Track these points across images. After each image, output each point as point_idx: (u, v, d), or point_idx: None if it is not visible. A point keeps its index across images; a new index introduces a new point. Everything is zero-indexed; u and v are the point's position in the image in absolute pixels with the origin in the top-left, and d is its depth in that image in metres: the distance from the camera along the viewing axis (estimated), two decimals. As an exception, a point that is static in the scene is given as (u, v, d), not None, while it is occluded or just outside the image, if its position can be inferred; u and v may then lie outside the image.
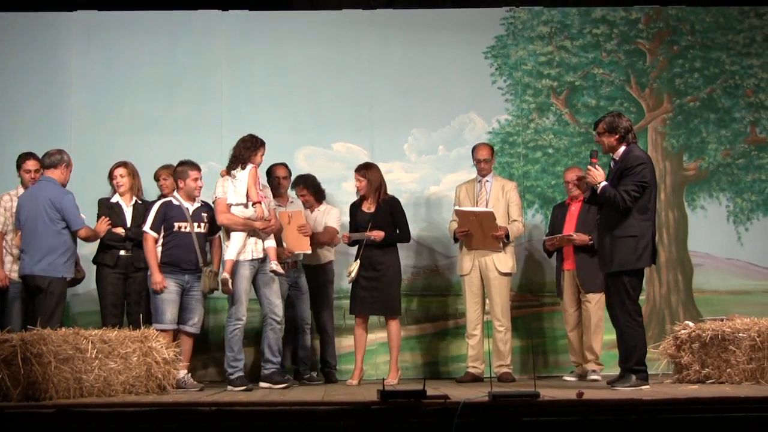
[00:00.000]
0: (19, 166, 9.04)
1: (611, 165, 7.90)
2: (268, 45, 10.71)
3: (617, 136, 7.81)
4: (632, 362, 7.65)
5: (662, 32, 10.89)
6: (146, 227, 8.61)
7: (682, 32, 10.90)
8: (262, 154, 8.71)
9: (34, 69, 10.47)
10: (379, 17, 10.78)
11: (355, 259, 9.26)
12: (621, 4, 10.97)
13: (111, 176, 9.10)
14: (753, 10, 10.95)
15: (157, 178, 9.34)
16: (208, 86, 10.56)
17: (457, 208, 9.45)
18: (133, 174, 9.14)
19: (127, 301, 8.91)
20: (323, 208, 9.74)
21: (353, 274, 9.19)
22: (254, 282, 8.71)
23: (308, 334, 9.59)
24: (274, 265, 8.63)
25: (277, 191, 9.47)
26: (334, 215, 9.75)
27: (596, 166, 7.79)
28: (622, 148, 7.82)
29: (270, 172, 9.52)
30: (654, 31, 10.89)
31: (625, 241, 7.65)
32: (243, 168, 8.67)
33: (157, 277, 8.49)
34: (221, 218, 8.63)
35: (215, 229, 8.78)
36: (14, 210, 8.77)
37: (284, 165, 9.66)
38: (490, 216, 9.31)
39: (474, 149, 9.74)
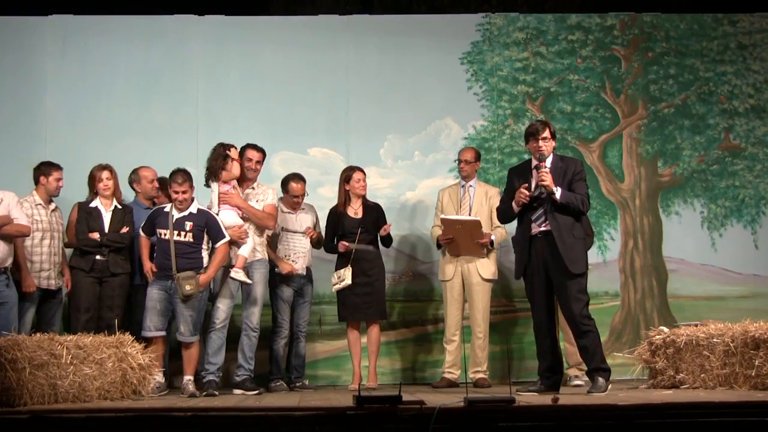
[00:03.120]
0: (48, 174, 9.02)
1: (535, 172, 7.88)
2: (244, 50, 10.70)
3: (555, 143, 8.03)
4: (596, 362, 7.76)
5: (637, 39, 10.95)
6: (139, 227, 8.77)
7: (656, 39, 10.96)
8: (234, 160, 8.74)
9: (8, 72, 10.41)
10: (355, 23, 10.80)
11: (344, 266, 9.28)
12: (596, 10, 11.02)
13: (93, 179, 9.00)
14: (726, 17, 11.02)
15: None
16: (184, 91, 10.54)
17: (443, 216, 9.45)
18: (116, 177, 9.10)
19: (99, 305, 8.85)
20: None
21: (348, 280, 9.20)
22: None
23: (302, 342, 9.57)
24: (233, 272, 8.62)
25: (292, 201, 9.42)
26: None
27: (548, 171, 7.86)
28: (552, 154, 7.98)
29: (285, 183, 9.47)
30: (629, 38, 10.94)
31: (582, 243, 7.91)
32: (215, 179, 8.76)
33: (146, 265, 8.62)
34: None
35: (217, 237, 8.59)
36: (33, 216, 8.80)
37: (298, 176, 9.51)
38: (476, 224, 9.34)
39: (460, 151, 9.86)
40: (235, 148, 8.85)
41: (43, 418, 5.92)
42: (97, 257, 8.81)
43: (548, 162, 7.92)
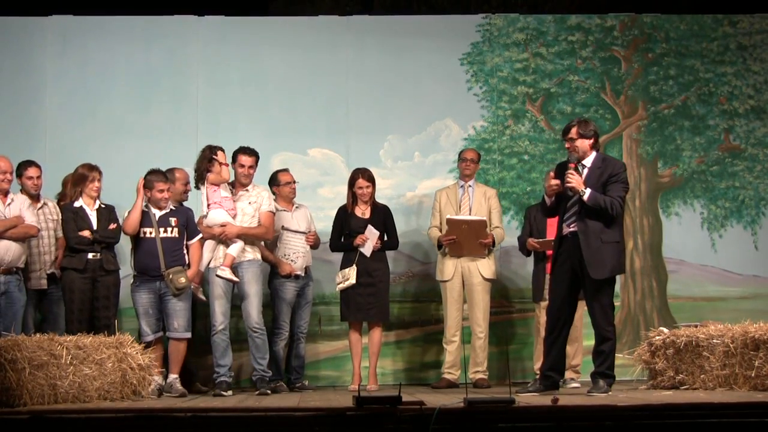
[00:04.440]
0: (20, 174, 9.07)
1: (580, 170, 7.85)
2: (244, 50, 10.69)
3: (591, 141, 7.88)
4: (605, 367, 7.74)
5: (637, 40, 10.95)
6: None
7: (656, 40, 10.96)
8: (222, 164, 8.75)
9: (8, 73, 10.42)
10: (355, 23, 10.80)
11: (349, 265, 9.28)
12: (596, 11, 11.02)
13: (83, 179, 8.94)
14: (726, 18, 11.02)
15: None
16: (184, 91, 10.54)
17: (449, 217, 9.43)
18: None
19: (94, 305, 8.78)
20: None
21: (352, 280, 9.21)
22: None
23: (302, 343, 9.58)
24: (220, 270, 8.63)
25: (288, 191, 9.48)
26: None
27: (576, 171, 7.80)
28: (594, 154, 7.89)
29: (274, 179, 9.50)
30: (629, 39, 10.94)
31: (613, 247, 7.73)
32: (202, 182, 8.84)
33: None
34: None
35: (193, 233, 8.75)
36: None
37: (287, 171, 9.64)
38: (482, 224, 9.37)
39: (461, 152, 9.88)
40: (223, 151, 8.85)
41: (42, 418, 5.92)
42: (90, 256, 8.77)
43: (589, 161, 7.86)
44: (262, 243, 9.12)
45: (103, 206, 8.95)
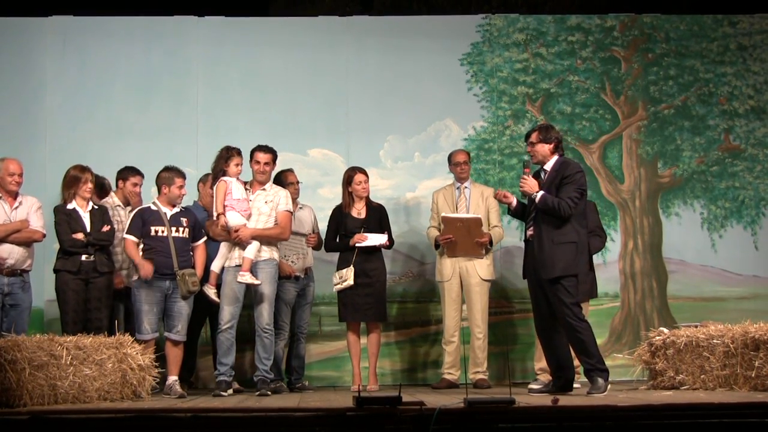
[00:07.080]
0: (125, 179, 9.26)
1: (542, 175, 7.99)
2: (244, 51, 10.70)
3: (551, 146, 8.00)
4: (594, 361, 7.75)
5: (637, 40, 10.95)
6: (125, 234, 8.64)
7: (656, 40, 10.96)
8: (238, 164, 8.62)
9: (8, 73, 10.42)
10: (355, 24, 10.80)
11: (346, 266, 9.26)
12: (596, 12, 11.03)
13: (76, 180, 8.89)
14: (726, 18, 11.02)
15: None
16: (184, 92, 10.54)
17: (444, 214, 9.43)
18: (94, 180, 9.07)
19: (87, 307, 8.73)
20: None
21: (350, 281, 9.19)
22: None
23: (303, 343, 9.58)
24: (240, 276, 8.54)
25: (293, 191, 9.40)
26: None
27: (529, 176, 7.94)
28: (555, 158, 8.00)
29: (279, 179, 9.46)
30: (629, 39, 10.94)
31: (567, 247, 7.82)
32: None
33: (145, 265, 8.43)
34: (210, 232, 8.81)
35: (198, 235, 8.73)
36: None
37: (292, 171, 9.63)
38: (477, 222, 9.35)
39: (451, 155, 9.78)
40: (238, 154, 8.75)
41: (42, 418, 5.92)
42: (83, 258, 8.73)
43: (549, 165, 7.98)
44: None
45: (96, 208, 8.91)
